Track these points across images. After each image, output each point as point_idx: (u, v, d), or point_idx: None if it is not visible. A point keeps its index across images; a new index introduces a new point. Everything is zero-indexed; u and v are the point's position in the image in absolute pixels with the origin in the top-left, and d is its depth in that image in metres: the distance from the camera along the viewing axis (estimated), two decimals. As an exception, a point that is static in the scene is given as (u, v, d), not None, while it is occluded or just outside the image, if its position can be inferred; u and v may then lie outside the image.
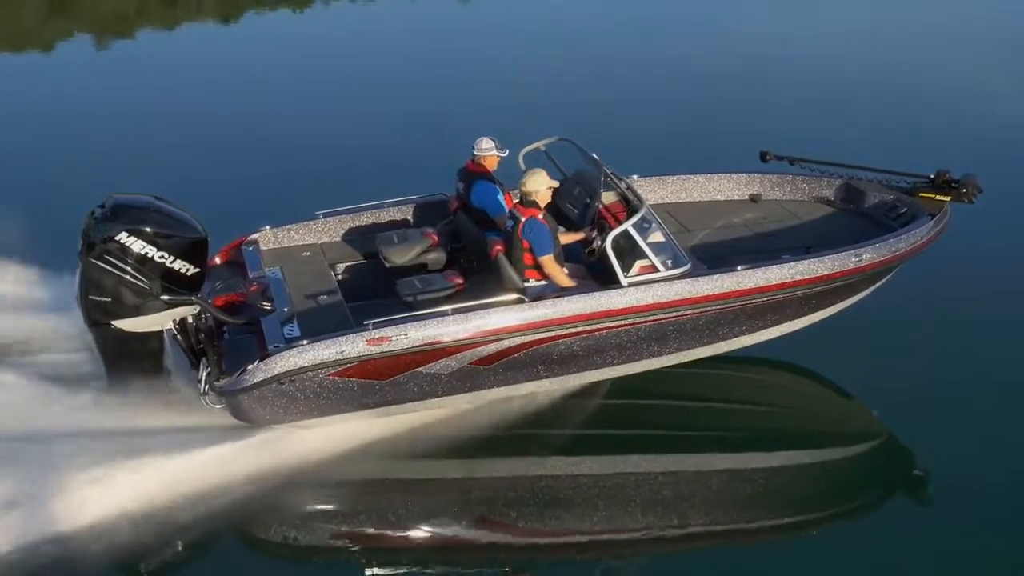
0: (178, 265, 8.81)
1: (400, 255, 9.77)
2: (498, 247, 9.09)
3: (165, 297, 8.81)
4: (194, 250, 8.94)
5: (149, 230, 8.68)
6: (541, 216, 8.95)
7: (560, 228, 9.60)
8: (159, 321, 8.91)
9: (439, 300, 8.91)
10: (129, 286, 8.71)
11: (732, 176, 11.17)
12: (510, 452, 9.33)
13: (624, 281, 8.85)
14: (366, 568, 8.14)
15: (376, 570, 8.14)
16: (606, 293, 8.85)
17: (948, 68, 21.19)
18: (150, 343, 9.04)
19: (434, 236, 9.95)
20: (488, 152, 9.97)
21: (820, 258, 9.31)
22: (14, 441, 8.54)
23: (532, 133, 10.81)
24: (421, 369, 8.70)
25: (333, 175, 15.00)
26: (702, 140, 16.50)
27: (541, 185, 9.01)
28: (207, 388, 8.72)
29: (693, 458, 9.47)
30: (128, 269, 8.66)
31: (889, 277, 10.13)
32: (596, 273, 9.24)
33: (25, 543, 7.85)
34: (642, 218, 8.98)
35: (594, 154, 9.84)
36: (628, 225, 8.87)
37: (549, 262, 8.88)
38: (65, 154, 16.43)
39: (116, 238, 8.61)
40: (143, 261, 8.68)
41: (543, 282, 8.97)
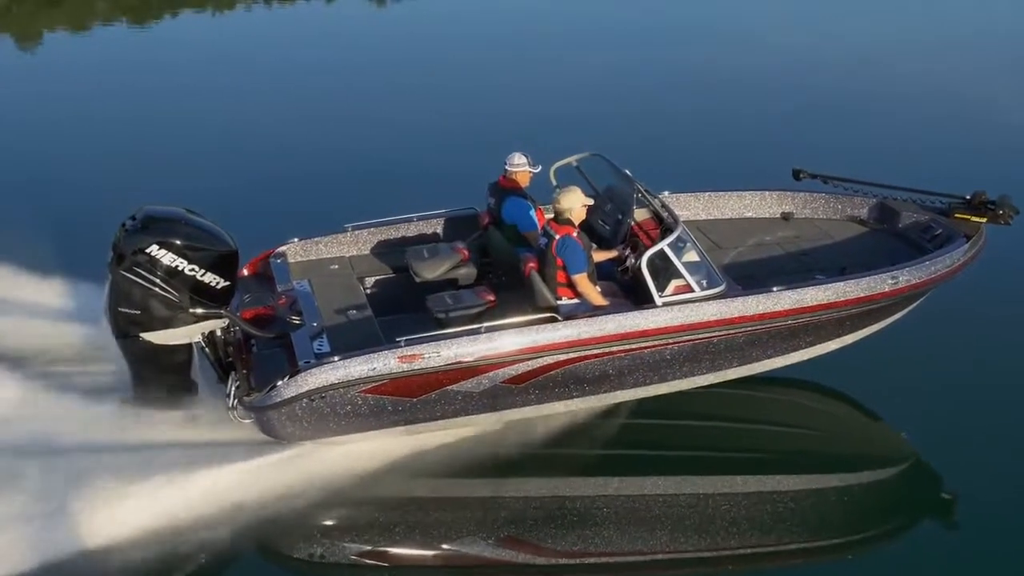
0: (208, 278, 8.76)
1: (430, 270, 9.64)
2: (531, 264, 9.00)
3: (195, 310, 8.76)
4: (224, 263, 8.89)
5: (179, 243, 8.63)
6: (575, 234, 8.86)
7: (592, 245, 9.51)
8: (188, 334, 8.87)
9: (471, 317, 8.84)
10: (159, 298, 8.66)
11: (764, 194, 11.09)
12: (536, 471, 9.26)
13: (659, 301, 8.77)
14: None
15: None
16: (640, 313, 8.77)
17: (983, 79, 20.93)
18: (178, 356, 9.00)
19: (464, 251, 9.82)
20: (520, 168, 9.89)
21: (855, 280, 9.20)
22: (37, 454, 8.48)
23: (560, 144, 10.71)
24: (452, 387, 8.62)
25: (362, 187, 14.89)
26: (729, 152, 16.30)
27: (576, 203, 8.92)
28: (235, 403, 8.65)
29: (719, 480, 9.38)
30: (158, 281, 8.61)
31: (923, 299, 10.02)
32: (628, 291, 9.16)
33: (45, 559, 7.81)
34: (678, 238, 8.91)
35: (627, 170, 9.76)
36: (664, 244, 8.79)
37: (583, 281, 8.79)
38: (89, 162, 16.27)
39: (147, 250, 8.56)
40: (173, 274, 8.63)
41: (576, 300, 8.88)
